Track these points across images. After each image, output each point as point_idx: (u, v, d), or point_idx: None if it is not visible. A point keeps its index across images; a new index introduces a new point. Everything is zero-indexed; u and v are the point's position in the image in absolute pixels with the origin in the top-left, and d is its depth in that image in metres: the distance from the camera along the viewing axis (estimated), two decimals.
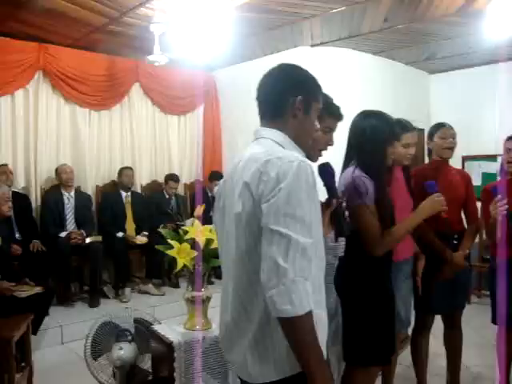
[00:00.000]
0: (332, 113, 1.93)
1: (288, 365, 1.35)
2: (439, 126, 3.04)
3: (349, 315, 2.21)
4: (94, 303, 4.69)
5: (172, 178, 5.85)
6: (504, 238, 2.74)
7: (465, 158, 5.92)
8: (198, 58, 5.05)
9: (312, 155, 1.81)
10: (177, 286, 5.41)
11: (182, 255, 2.44)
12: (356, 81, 5.32)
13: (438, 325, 3.16)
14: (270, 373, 1.37)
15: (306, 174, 1.31)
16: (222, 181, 1.56)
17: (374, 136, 2.15)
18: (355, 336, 2.19)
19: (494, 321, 2.97)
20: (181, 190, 6.20)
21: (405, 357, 3.41)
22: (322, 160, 1.88)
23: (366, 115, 2.25)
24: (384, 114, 2.24)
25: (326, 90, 4.42)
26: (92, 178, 5.58)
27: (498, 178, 3.06)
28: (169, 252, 2.43)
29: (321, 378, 1.28)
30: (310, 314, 1.26)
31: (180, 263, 2.40)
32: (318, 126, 1.57)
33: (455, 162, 5.69)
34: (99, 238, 4.99)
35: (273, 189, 1.29)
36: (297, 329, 1.26)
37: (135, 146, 5.91)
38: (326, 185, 1.82)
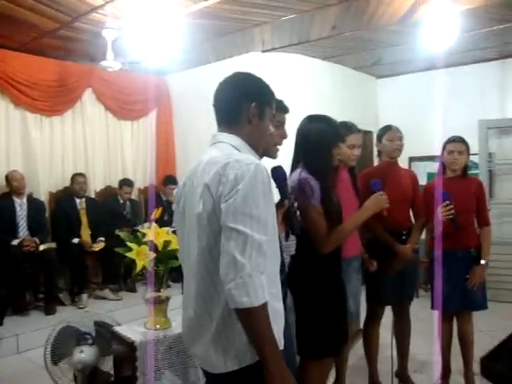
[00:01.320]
0: (280, 107, 2.04)
1: (248, 354, 1.44)
2: (387, 129, 3.23)
3: (301, 310, 2.33)
4: (49, 311, 4.64)
5: (126, 183, 5.85)
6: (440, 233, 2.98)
7: (411, 159, 6.20)
8: (151, 63, 5.10)
9: (271, 152, 1.94)
10: (133, 290, 5.41)
11: (140, 257, 2.50)
12: (306, 85, 5.49)
13: (387, 318, 3.34)
14: (232, 362, 1.46)
15: (262, 175, 1.41)
16: (181, 183, 1.63)
17: (320, 139, 2.28)
18: (308, 330, 2.31)
19: (433, 307, 3.19)
20: (135, 195, 6.20)
21: (356, 350, 3.59)
22: (274, 163, 2.00)
23: (311, 119, 2.38)
24: (328, 117, 2.38)
25: (276, 94, 4.61)
26: (45, 184, 5.50)
27: (437, 178, 3.28)
28: (128, 254, 2.48)
29: (275, 366, 1.38)
30: (265, 306, 1.36)
31: (139, 265, 2.46)
32: (272, 130, 1.68)
33: (402, 163, 5.97)
34: (53, 245, 4.93)
35: (231, 190, 1.38)
36: (253, 319, 1.35)
37: (88, 152, 5.86)
38: (278, 186, 1.93)
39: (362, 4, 3.99)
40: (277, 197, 1.88)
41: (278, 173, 1.93)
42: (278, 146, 2.02)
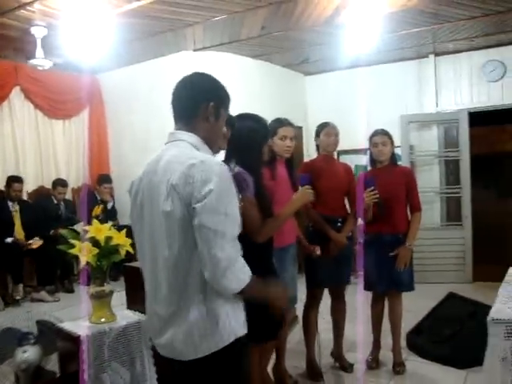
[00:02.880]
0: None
1: (220, 339, 1.55)
2: (324, 126, 3.47)
3: None
4: None
5: (60, 183, 5.76)
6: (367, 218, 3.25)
7: (339, 152, 6.50)
8: (82, 62, 5.05)
9: (214, 148, 2.08)
10: (71, 290, 5.36)
11: (83, 253, 2.55)
12: (237, 83, 5.61)
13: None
14: (203, 349, 1.55)
15: (227, 174, 1.53)
16: (137, 179, 1.68)
17: (251, 136, 2.45)
18: (246, 316, 2.46)
19: (365, 288, 3.45)
20: (69, 195, 6.11)
21: (294, 335, 3.80)
22: None
23: (241, 118, 2.53)
24: (257, 115, 2.55)
25: None
26: None
27: (369, 169, 3.56)
28: (71, 251, 2.53)
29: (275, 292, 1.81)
30: (252, 279, 1.56)
31: (83, 260, 2.51)
32: (226, 130, 1.80)
33: None
34: None
35: (202, 190, 1.45)
36: (250, 292, 1.58)
37: (18, 152, 5.73)
38: None
39: (289, 6, 4.19)
40: None
41: None
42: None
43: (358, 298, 3.63)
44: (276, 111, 5.86)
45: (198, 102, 1.63)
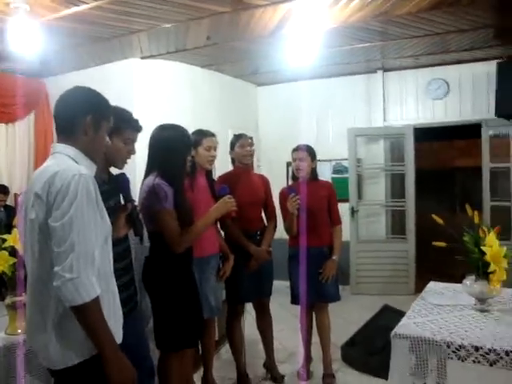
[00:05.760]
0: (132, 126, 2.17)
1: (86, 349, 1.56)
2: (238, 137, 3.48)
3: (157, 307, 2.47)
4: None
5: (1, 189, 5.60)
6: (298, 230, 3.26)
7: (288, 164, 6.55)
8: (25, 65, 4.94)
9: (117, 164, 2.07)
10: None
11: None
12: (186, 92, 5.63)
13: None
14: (70, 357, 1.57)
15: (86, 185, 1.54)
16: (24, 192, 1.71)
17: (173, 147, 2.45)
18: (165, 325, 2.46)
19: (292, 301, 3.47)
20: (11, 201, 5.93)
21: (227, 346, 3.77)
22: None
23: (163, 128, 2.53)
24: (179, 126, 2.55)
25: (156, 100, 4.73)
26: None
27: (290, 182, 3.59)
28: None
29: (112, 356, 1.54)
30: (96, 301, 1.50)
31: None
32: (109, 142, 1.80)
33: (280, 167, 6.35)
34: None
35: (56, 198, 1.50)
36: (86, 314, 1.49)
37: None
38: (121, 191, 2.07)
39: (233, 17, 4.20)
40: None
41: (121, 179, 2.06)
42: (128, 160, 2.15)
43: (292, 309, 3.65)
44: (226, 122, 5.93)
45: (76, 116, 1.67)
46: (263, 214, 3.53)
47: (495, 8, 4.13)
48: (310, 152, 3.47)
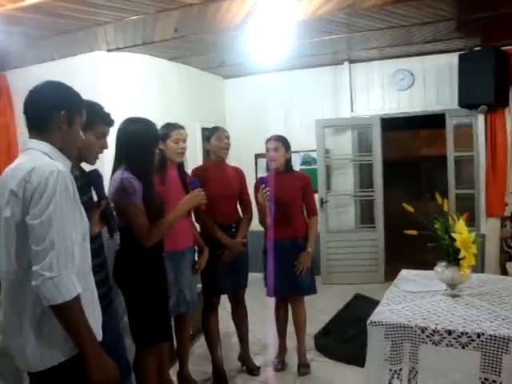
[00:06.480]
0: (104, 120, 2.13)
1: (67, 349, 1.54)
2: (215, 130, 3.46)
3: (131, 302, 2.46)
4: None
5: None
6: (271, 222, 3.27)
7: (257, 156, 6.58)
8: None
9: (89, 159, 2.04)
10: None
11: None
12: (153, 85, 5.56)
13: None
14: (49, 359, 1.54)
15: (64, 181, 1.51)
16: None
17: (140, 141, 2.43)
18: (139, 320, 2.45)
19: (268, 293, 3.50)
20: None
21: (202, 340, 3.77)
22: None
23: (130, 122, 2.50)
24: (147, 119, 2.52)
25: (123, 93, 4.65)
26: None
27: (266, 173, 3.58)
28: None
29: (93, 354, 1.52)
30: (77, 299, 1.47)
31: None
32: (83, 136, 1.77)
33: (248, 159, 6.34)
34: None
35: (34, 195, 1.46)
36: (67, 313, 1.47)
37: None
38: (95, 188, 2.04)
39: (201, 9, 4.16)
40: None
41: (93, 175, 2.03)
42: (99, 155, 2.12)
43: (266, 301, 3.68)
44: (193, 114, 5.90)
45: (49, 111, 1.63)
46: (239, 207, 3.53)
47: (456, 1, 4.24)
48: (284, 142, 3.48)
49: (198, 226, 3.38)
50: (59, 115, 1.63)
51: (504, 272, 4.86)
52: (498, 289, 2.53)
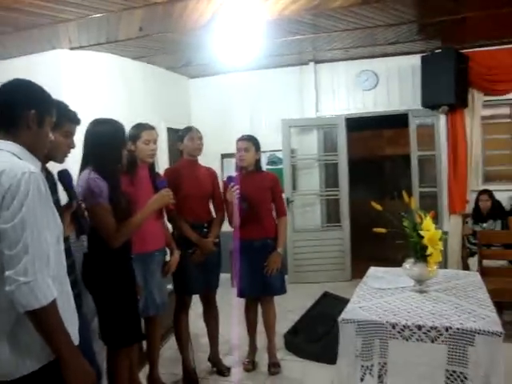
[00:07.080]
0: (70, 119, 2.09)
1: (43, 354, 1.48)
2: (188, 130, 3.44)
3: (100, 305, 2.42)
4: None
5: None
6: (239, 222, 3.27)
7: (223, 156, 6.56)
8: None
9: (57, 158, 1.99)
10: None
11: None
12: (118, 84, 5.47)
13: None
14: (26, 365, 1.47)
15: (37, 183, 1.46)
16: None
17: (107, 142, 2.40)
18: (110, 322, 2.41)
19: (238, 294, 3.49)
20: None
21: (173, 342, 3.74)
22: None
23: (98, 123, 2.47)
24: (114, 120, 2.50)
25: (85, 92, 4.56)
26: None
27: (235, 173, 3.55)
28: None
29: (72, 360, 1.48)
30: (54, 304, 1.43)
31: None
32: (53, 137, 1.72)
33: (214, 159, 6.30)
34: None
35: (5, 198, 1.40)
36: (44, 318, 1.42)
37: None
38: (65, 189, 1.99)
39: (167, 8, 4.12)
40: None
41: (64, 176, 1.98)
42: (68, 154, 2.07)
43: (235, 301, 3.67)
44: (158, 114, 5.83)
45: (18, 111, 1.57)
46: (211, 207, 3.51)
47: (418, 5, 4.36)
48: (255, 142, 3.48)
49: (170, 227, 3.34)
50: (29, 114, 1.57)
51: (466, 267, 5.00)
52: (463, 283, 2.61)
